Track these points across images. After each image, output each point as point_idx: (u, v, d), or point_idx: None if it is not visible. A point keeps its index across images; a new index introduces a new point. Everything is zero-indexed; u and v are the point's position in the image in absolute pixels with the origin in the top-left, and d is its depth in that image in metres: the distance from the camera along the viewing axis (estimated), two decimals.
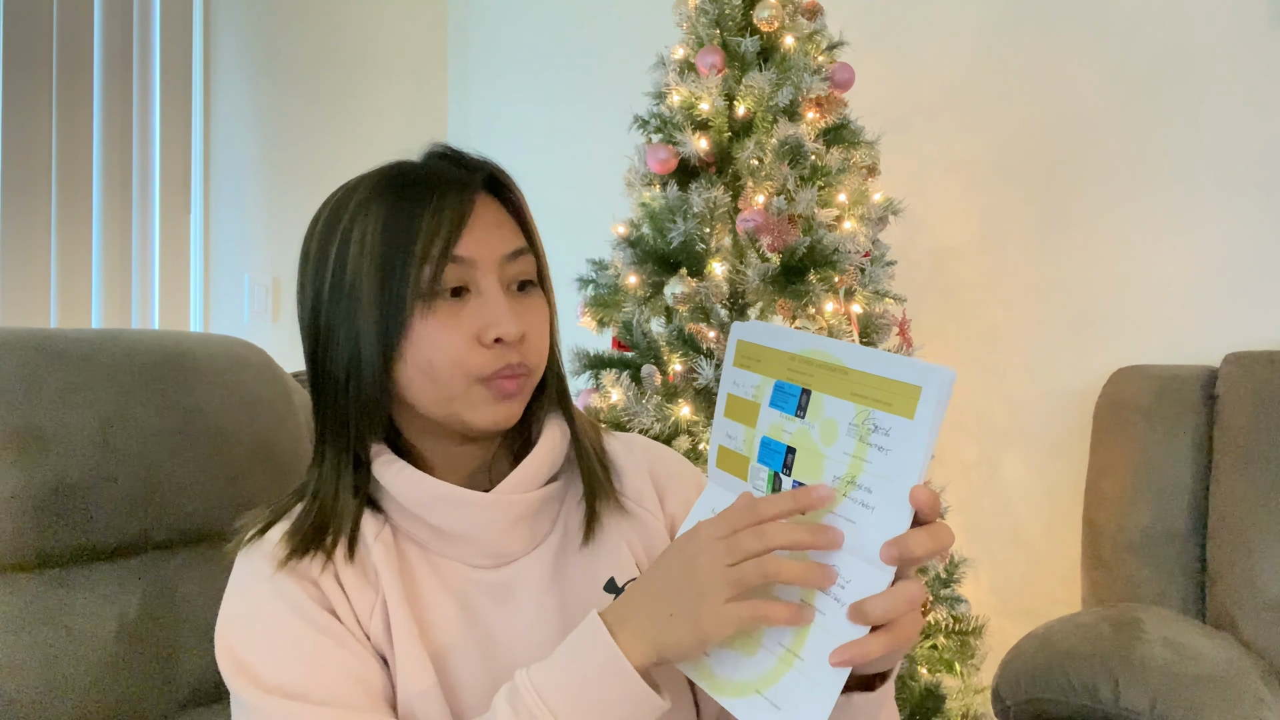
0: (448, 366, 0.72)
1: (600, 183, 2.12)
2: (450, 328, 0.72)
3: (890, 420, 0.58)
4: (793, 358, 0.66)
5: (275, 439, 1.12)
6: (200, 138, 2.36)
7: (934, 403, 0.56)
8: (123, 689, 0.95)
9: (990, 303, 2.12)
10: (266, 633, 0.71)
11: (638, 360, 1.72)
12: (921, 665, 1.70)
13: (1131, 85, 1.96)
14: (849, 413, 0.61)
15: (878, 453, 0.59)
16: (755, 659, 0.62)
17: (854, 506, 0.60)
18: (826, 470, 0.62)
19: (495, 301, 0.73)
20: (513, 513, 0.76)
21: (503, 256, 0.74)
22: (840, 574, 0.60)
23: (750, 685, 0.62)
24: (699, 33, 1.75)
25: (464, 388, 0.73)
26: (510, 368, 0.73)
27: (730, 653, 0.64)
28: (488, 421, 0.74)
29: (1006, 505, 2.11)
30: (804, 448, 0.63)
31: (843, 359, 0.62)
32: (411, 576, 0.75)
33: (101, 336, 1.04)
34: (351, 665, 0.70)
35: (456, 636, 0.74)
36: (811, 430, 0.63)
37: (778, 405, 0.66)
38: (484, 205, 0.75)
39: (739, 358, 0.71)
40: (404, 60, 2.87)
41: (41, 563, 0.94)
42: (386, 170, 0.77)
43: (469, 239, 0.73)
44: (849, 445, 0.60)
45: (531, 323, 0.75)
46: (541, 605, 0.76)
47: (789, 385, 0.65)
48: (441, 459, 0.78)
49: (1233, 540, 1.57)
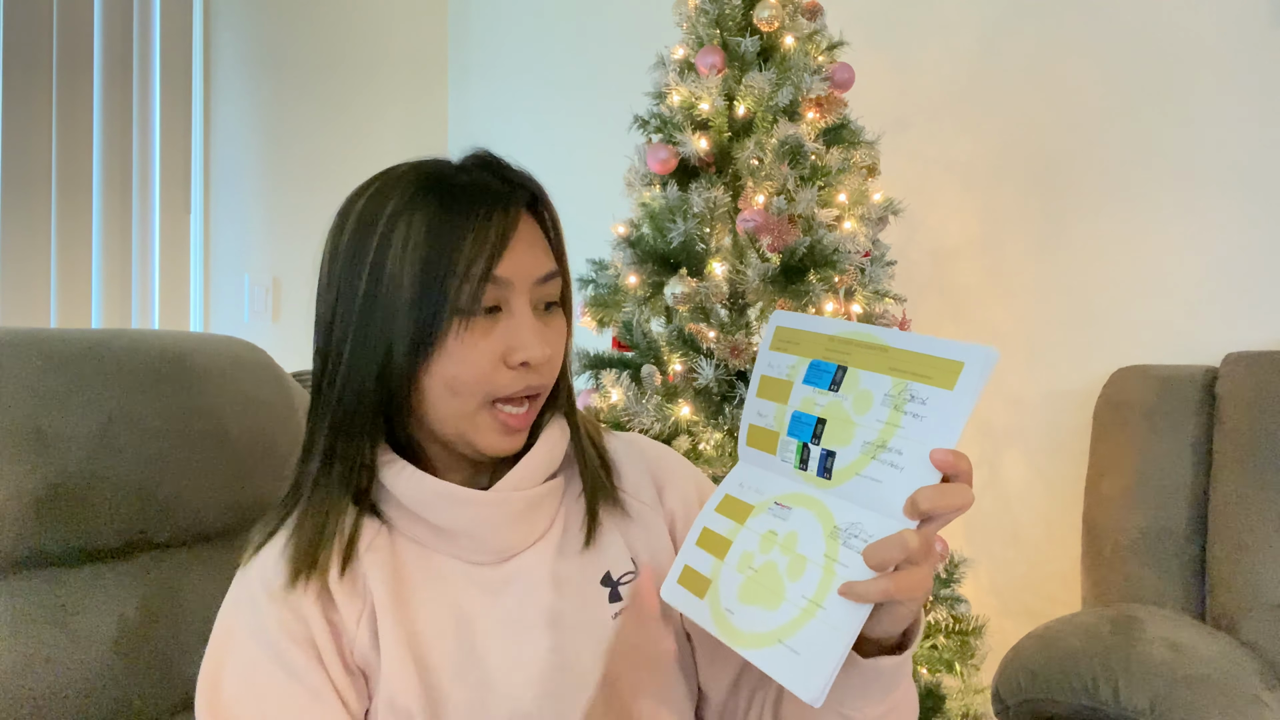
0: (470, 383, 0.72)
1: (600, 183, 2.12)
2: (480, 346, 0.72)
3: (928, 391, 0.61)
4: (832, 339, 0.69)
5: (275, 439, 1.12)
6: (200, 138, 2.36)
7: (976, 376, 0.59)
8: (122, 689, 0.95)
9: (990, 303, 2.12)
10: (238, 660, 0.71)
11: (638, 360, 1.72)
12: (921, 665, 1.70)
13: (1132, 85, 1.96)
14: (885, 385, 0.64)
15: (912, 419, 0.62)
16: (778, 611, 0.65)
17: (881, 468, 0.63)
18: (857, 437, 0.65)
19: (527, 324, 0.73)
20: (512, 509, 0.77)
21: (537, 279, 0.75)
22: (865, 529, 0.63)
23: (773, 635, 0.65)
24: (699, 33, 1.75)
25: (477, 407, 0.73)
26: (530, 388, 0.75)
27: (754, 609, 0.67)
28: (491, 448, 0.75)
29: (1006, 505, 2.11)
30: (835, 418, 0.66)
31: (884, 339, 0.65)
32: (405, 578, 0.76)
33: (101, 336, 1.04)
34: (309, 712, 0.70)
35: (446, 639, 0.75)
36: (845, 401, 0.66)
37: (811, 381, 0.69)
38: (525, 224, 0.75)
39: (776, 341, 0.74)
40: (404, 60, 2.87)
41: (41, 563, 0.93)
42: (427, 170, 0.76)
43: (509, 259, 0.73)
44: (883, 414, 0.63)
45: (554, 344, 0.76)
46: (537, 597, 0.77)
47: (825, 364, 0.69)
48: (444, 461, 0.79)
49: (1233, 540, 1.57)
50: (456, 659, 0.74)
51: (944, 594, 1.72)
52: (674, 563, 0.75)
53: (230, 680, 0.71)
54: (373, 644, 0.73)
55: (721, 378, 1.60)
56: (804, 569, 0.65)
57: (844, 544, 0.63)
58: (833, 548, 0.64)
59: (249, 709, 0.70)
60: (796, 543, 0.66)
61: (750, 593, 0.68)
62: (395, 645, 0.72)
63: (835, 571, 0.63)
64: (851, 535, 0.63)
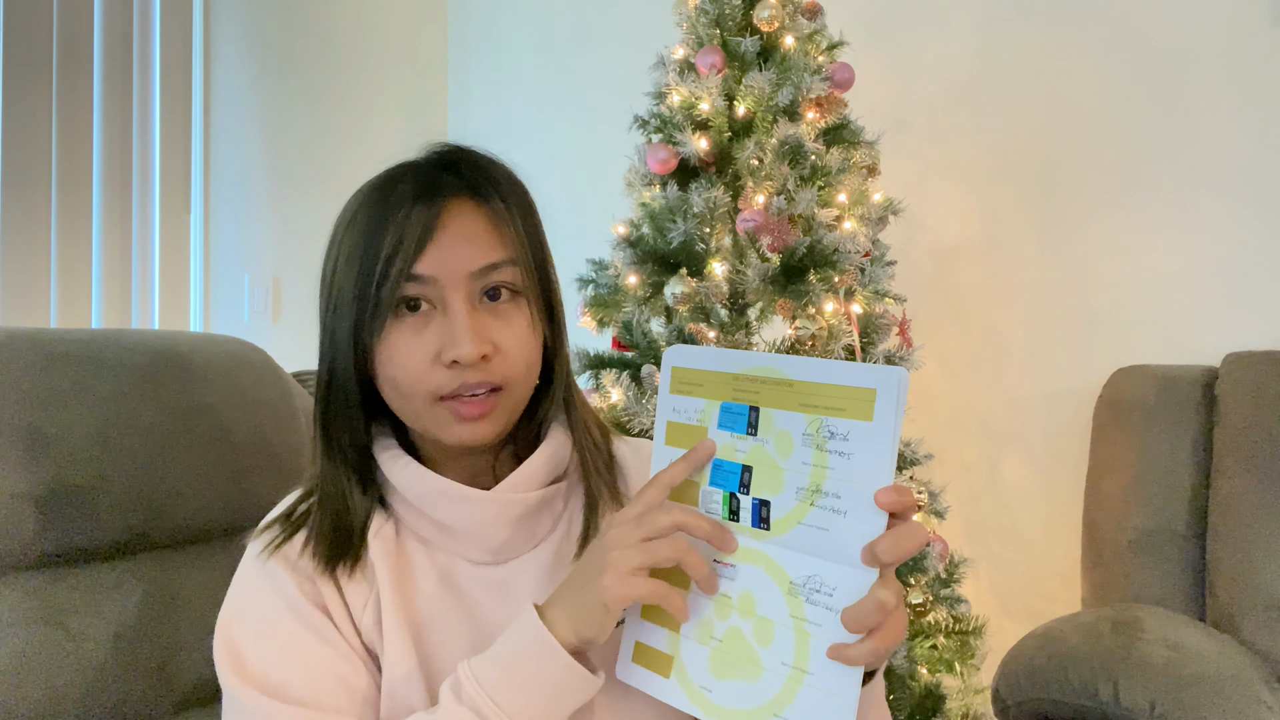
0: (408, 384, 0.72)
1: (600, 183, 2.12)
2: (411, 346, 0.72)
3: (847, 425, 0.59)
4: (736, 377, 0.65)
5: (275, 439, 1.12)
6: (200, 138, 2.36)
7: (892, 402, 0.57)
8: (122, 689, 0.95)
9: (990, 303, 2.12)
10: (259, 625, 0.72)
11: (638, 360, 1.72)
12: (921, 665, 1.70)
13: (1132, 85, 1.96)
14: (801, 423, 0.61)
15: (839, 458, 0.59)
16: (761, 684, 0.62)
17: (824, 514, 0.60)
18: (787, 483, 0.62)
19: (457, 321, 0.71)
20: (512, 511, 0.76)
21: (470, 272, 0.72)
22: (825, 582, 0.60)
23: (765, 710, 0.62)
24: (699, 33, 1.75)
25: (426, 406, 0.73)
26: (468, 387, 0.71)
27: (733, 683, 0.64)
28: (456, 440, 0.74)
29: (1006, 505, 2.11)
30: (759, 464, 0.64)
31: (785, 371, 0.62)
32: (408, 570, 0.76)
33: (101, 336, 1.04)
34: (335, 665, 0.71)
35: (448, 630, 0.75)
36: (766, 445, 0.63)
37: (727, 426, 0.66)
38: (458, 216, 0.73)
39: (675, 384, 0.69)
40: (404, 60, 2.87)
41: (41, 563, 0.93)
42: (385, 172, 0.76)
43: (432, 256, 0.71)
44: (806, 455, 0.61)
45: (505, 336, 0.73)
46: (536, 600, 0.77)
47: (736, 405, 0.65)
48: (443, 455, 0.79)
49: (1233, 540, 1.57)
50: (459, 655, 0.74)
51: (944, 594, 1.72)
52: (622, 640, 0.70)
53: (252, 643, 0.71)
54: (376, 631, 0.74)
55: None
56: (773, 633, 0.62)
57: (808, 600, 0.61)
58: (796, 606, 0.61)
59: (274, 663, 0.70)
60: (755, 605, 0.63)
61: (722, 666, 0.64)
62: (399, 635, 0.73)
63: (809, 632, 0.60)
64: (813, 590, 0.61)
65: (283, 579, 0.73)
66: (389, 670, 0.72)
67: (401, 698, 0.72)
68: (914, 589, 1.67)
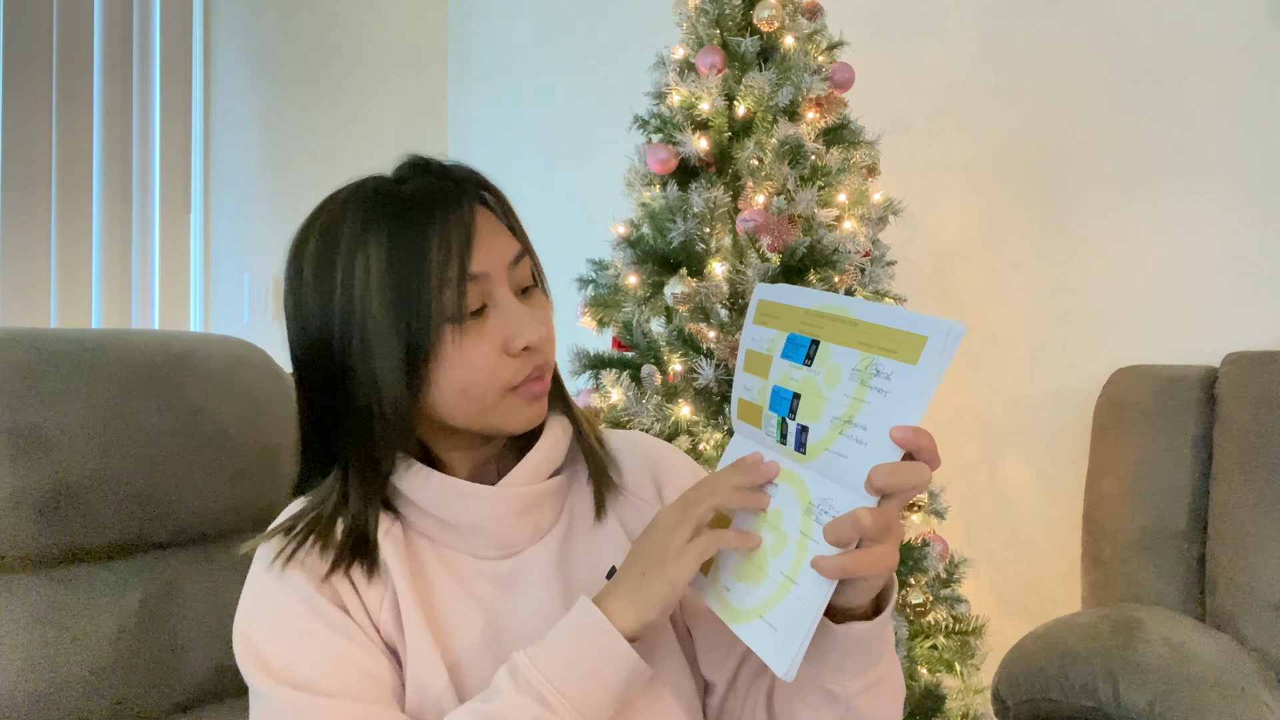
0: (483, 382, 0.73)
1: (600, 183, 2.12)
2: (480, 346, 0.73)
3: (893, 366, 0.61)
4: (807, 312, 0.69)
5: (276, 439, 1.12)
6: (200, 138, 2.36)
7: (939, 350, 0.59)
8: (122, 689, 0.95)
9: (990, 303, 2.12)
10: (280, 624, 0.72)
11: (638, 360, 1.72)
12: (921, 665, 1.70)
13: (1131, 85, 1.96)
14: (853, 359, 0.64)
15: (876, 394, 0.62)
16: (761, 588, 0.67)
17: (848, 443, 0.63)
18: (826, 412, 0.65)
19: (515, 311, 0.74)
20: (518, 504, 0.78)
21: (509, 263, 0.75)
22: (835, 505, 0.64)
23: (756, 611, 0.67)
24: (699, 33, 1.75)
25: (497, 399, 0.74)
26: (538, 369, 0.76)
27: (744, 585, 0.69)
28: (522, 424, 0.77)
29: (1006, 505, 2.11)
30: (808, 392, 0.67)
31: (853, 311, 0.65)
32: (420, 568, 0.77)
33: (101, 336, 1.04)
34: (360, 659, 0.72)
35: (465, 623, 0.76)
36: (817, 376, 0.67)
37: (788, 356, 0.70)
38: (481, 215, 0.75)
39: (759, 315, 0.75)
40: (404, 60, 2.87)
41: (41, 563, 0.94)
42: (369, 191, 0.74)
43: (479, 253, 0.73)
44: (850, 388, 0.64)
45: (545, 319, 0.77)
46: (547, 592, 0.78)
47: (800, 337, 0.69)
48: (454, 457, 0.80)
49: (1233, 540, 1.57)
50: (479, 647, 0.75)
51: (944, 594, 1.72)
52: None
53: (274, 643, 0.71)
54: (396, 627, 0.74)
55: (721, 378, 1.60)
56: (784, 545, 0.67)
57: (815, 520, 0.65)
58: (807, 524, 0.65)
59: (300, 660, 0.70)
60: (781, 520, 0.68)
61: (742, 570, 0.70)
62: (419, 630, 0.74)
63: (807, 547, 0.64)
64: (823, 511, 0.64)
65: (298, 581, 0.73)
66: (413, 664, 0.73)
67: (428, 690, 0.72)
68: (914, 589, 1.67)
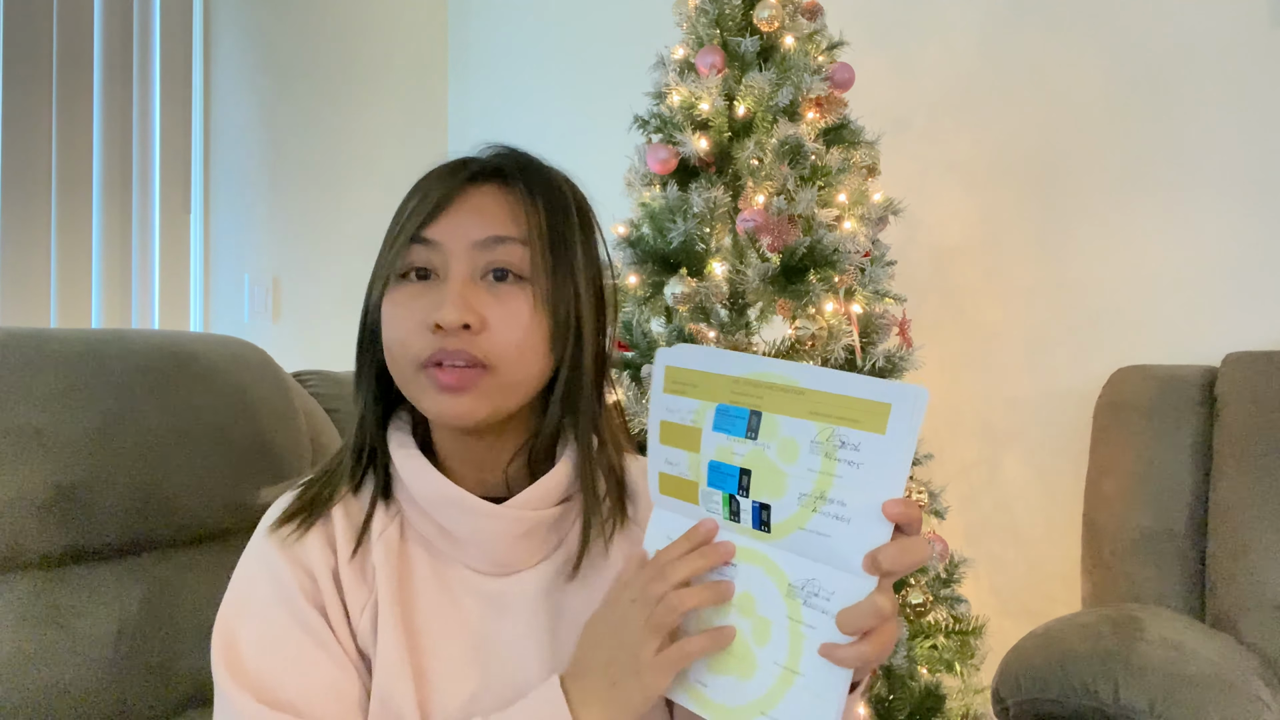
0: (395, 347, 0.73)
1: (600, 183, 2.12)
2: (405, 310, 0.73)
3: (859, 436, 0.58)
4: (735, 381, 0.65)
5: (275, 439, 1.12)
6: (200, 138, 2.36)
7: (906, 417, 0.57)
8: (122, 689, 0.95)
9: (990, 303, 2.12)
10: (258, 621, 0.72)
11: (638, 360, 1.72)
12: (921, 665, 1.70)
13: (1131, 85, 1.96)
14: (810, 431, 0.61)
15: (848, 467, 0.59)
16: (754, 681, 0.63)
17: (826, 520, 0.60)
18: (790, 488, 0.62)
19: (451, 287, 0.71)
20: (521, 527, 0.76)
21: (475, 242, 0.72)
22: (824, 586, 0.61)
23: (754, 708, 0.63)
24: (699, 33, 1.75)
25: (412, 372, 0.73)
26: (446, 354, 0.70)
27: (728, 679, 0.65)
28: (437, 413, 0.73)
29: (1006, 505, 2.11)
30: (760, 468, 0.63)
31: (798, 380, 0.62)
32: (409, 575, 0.76)
33: (101, 336, 1.04)
34: (329, 671, 0.71)
35: (445, 640, 0.75)
36: (766, 450, 0.63)
37: (723, 429, 0.66)
38: (476, 193, 0.75)
39: (669, 384, 0.70)
40: (404, 59, 2.87)
41: (41, 563, 0.93)
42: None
43: (442, 223, 0.73)
44: (814, 462, 0.61)
45: (496, 313, 0.72)
46: (534, 618, 0.77)
47: (733, 408, 0.65)
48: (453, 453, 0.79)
49: (1233, 540, 1.57)
50: (454, 665, 0.74)
51: (944, 594, 1.72)
52: None
53: (248, 637, 0.71)
54: (372, 635, 0.73)
55: None
56: (769, 633, 0.63)
57: (805, 603, 0.61)
58: (794, 608, 0.62)
59: (268, 664, 0.70)
60: (754, 604, 0.64)
61: (719, 662, 0.65)
62: (393, 644, 0.73)
63: (804, 634, 0.61)
64: (811, 594, 0.61)
65: (284, 574, 0.73)
66: (380, 677, 0.72)
67: (391, 705, 0.72)
68: (914, 589, 1.67)
